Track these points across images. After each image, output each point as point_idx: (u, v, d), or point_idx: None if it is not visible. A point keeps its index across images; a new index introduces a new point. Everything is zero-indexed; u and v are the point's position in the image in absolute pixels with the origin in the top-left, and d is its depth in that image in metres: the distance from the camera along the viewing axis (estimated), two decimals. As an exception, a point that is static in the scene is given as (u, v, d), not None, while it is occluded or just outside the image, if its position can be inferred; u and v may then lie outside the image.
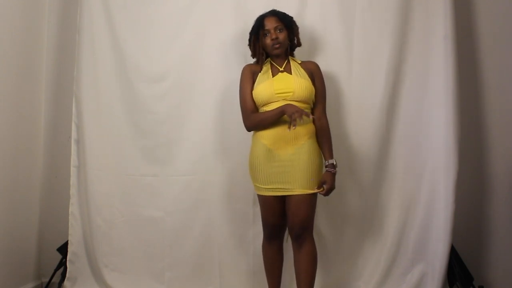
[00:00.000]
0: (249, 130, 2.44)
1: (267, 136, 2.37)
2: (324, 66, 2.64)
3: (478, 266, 2.75)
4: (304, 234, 2.33)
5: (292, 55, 2.56)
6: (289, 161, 2.33)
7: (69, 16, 3.02)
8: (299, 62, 2.51)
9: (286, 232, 2.48)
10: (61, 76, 3.07)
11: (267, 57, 2.52)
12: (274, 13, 2.47)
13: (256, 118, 2.40)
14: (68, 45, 3.00)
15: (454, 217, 2.55)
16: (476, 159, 2.80)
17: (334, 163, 2.37)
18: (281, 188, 2.34)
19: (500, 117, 2.79)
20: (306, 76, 2.43)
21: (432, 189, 2.65)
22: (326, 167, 2.38)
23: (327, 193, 2.34)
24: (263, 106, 2.40)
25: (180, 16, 2.85)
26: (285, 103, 2.32)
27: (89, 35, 2.87)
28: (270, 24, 2.43)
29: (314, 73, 2.47)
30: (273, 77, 2.43)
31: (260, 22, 2.46)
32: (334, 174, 2.35)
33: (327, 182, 2.33)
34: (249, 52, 2.55)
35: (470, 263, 2.63)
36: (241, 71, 2.51)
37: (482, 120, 2.81)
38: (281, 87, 2.38)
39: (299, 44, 2.54)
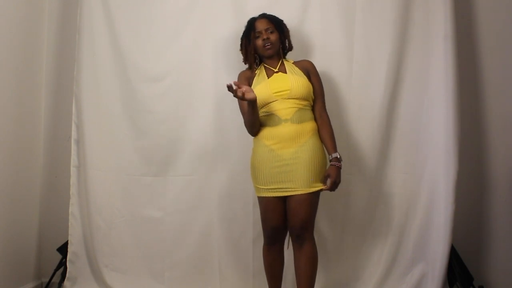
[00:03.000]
0: (252, 135, 2.44)
1: (269, 136, 2.37)
2: (324, 66, 2.64)
3: (478, 266, 2.75)
4: (304, 235, 2.32)
5: (285, 58, 2.55)
6: (292, 160, 2.32)
7: (69, 16, 3.02)
8: (292, 62, 2.51)
9: (287, 239, 2.46)
10: (61, 76, 3.07)
11: (260, 62, 2.52)
12: (264, 16, 2.50)
13: (244, 123, 2.42)
14: (68, 45, 3.00)
15: (454, 217, 2.55)
16: (476, 159, 2.80)
17: (338, 156, 2.35)
18: (282, 188, 2.33)
19: (500, 117, 2.79)
20: (302, 73, 2.44)
21: (432, 189, 2.65)
22: (330, 161, 2.36)
23: (332, 187, 2.31)
24: (262, 107, 2.39)
25: (179, 16, 2.85)
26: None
27: (89, 35, 2.87)
28: (261, 25, 2.45)
29: (310, 71, 2.47)
30: (268, 78, 2.43)
31: (251, 25, 2.48)
32: (339, 168, 2.33)
33: (330, 175, 2.31)
34: (248, 52, 2.56)
35: (470, 263, 2.62)
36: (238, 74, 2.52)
37: (482, 120, 2.81)
38: (278, 86, 2.38)
39: (290, 48, 2.55)
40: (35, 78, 3.03)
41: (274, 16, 2.50)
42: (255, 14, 2.52)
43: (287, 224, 2.40)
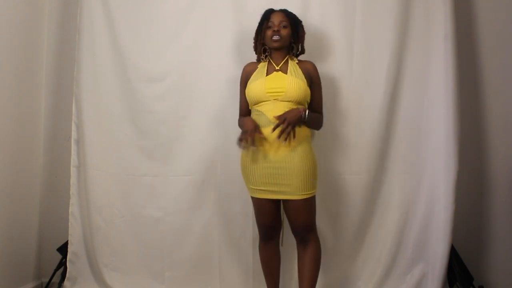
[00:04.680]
0: None
1: (258, 137, 2.34)
2: (324, 66, 2.64)
3: (478, 266, 2.75)
4: (309, 236, 2.34)
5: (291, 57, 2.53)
6: (282, 163, 2.30)
7: (69, 16, 3.02)
8: (296, 61, 2.48)
9: (281, 236, 2.48)
10: (61, 76, 3.07)
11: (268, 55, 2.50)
12: (283, 10, 2.46)
13: (239, 123, 2.49)
14: (68, 45, 3.00)
15: (454, 217, 2.55)
16: (476, 159, 2.80)
17: (304, 115, 2.30)
18: (276, 191, 2.32)
19: (500, 117, 2.79)
20: (303, 76, 2.39)
21: (432, 189, 2.65)
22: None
23: (281, 121, 2.23)
24: (254, 105, 2.38)
25: (180, 16, 2.85)
26: (248, 118, 2.38)
27: (89, 35, 2.87)
28: (276, 18, 2.41)
29: (312, 75, 2.44)
30: (267, 75, 2.40)
31: (266, 15, 2.45)
32: (299, 114, 2.27)
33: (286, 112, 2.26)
34: (248, 52, 2.55)
35: (470, 263, 2.63)
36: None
37: (482, 120, 2.81)
38: (273, 86, 2.34)
39: (302, 51, 2.52)
40: (35, 78, 3.02)
41: (294, 14, 2.47)
42: (255, 14, 2.51)
43: (280, 221, 2.43)
